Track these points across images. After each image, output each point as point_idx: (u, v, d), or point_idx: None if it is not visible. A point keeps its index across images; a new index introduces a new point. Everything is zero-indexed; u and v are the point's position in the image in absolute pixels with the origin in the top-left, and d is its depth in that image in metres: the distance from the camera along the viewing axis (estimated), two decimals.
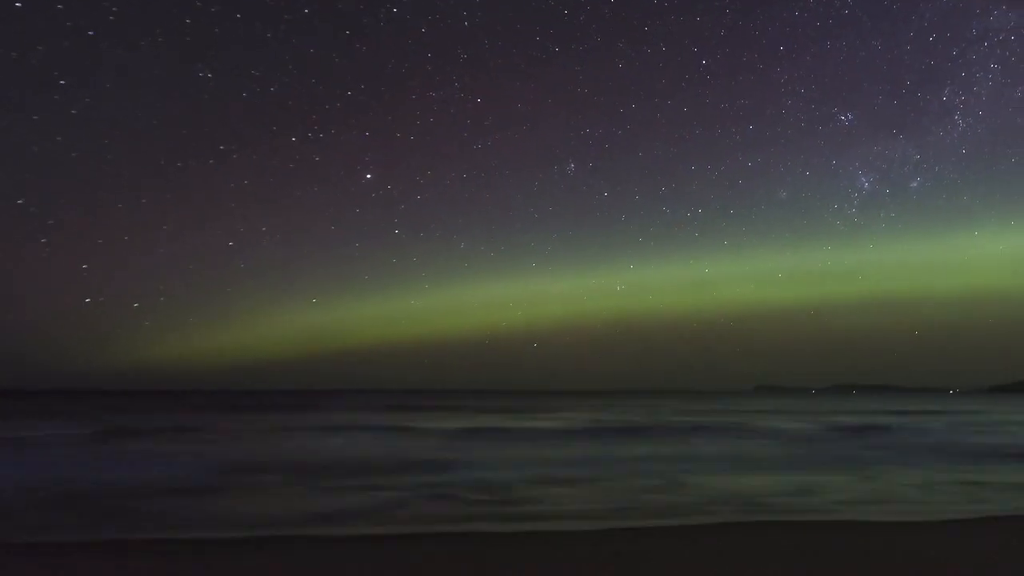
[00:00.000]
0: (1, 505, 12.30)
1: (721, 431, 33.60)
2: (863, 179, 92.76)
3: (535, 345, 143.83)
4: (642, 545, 8.81)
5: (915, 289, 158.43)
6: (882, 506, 12.47)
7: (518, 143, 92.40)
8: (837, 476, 16.59)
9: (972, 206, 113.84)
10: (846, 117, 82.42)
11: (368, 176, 70.04)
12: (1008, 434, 32.52)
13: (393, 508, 11.94)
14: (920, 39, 71.34)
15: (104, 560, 8.11)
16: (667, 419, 45.03)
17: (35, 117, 55.29)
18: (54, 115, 56.12)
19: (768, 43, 71.29)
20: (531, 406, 70.33)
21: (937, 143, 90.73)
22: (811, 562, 7.90)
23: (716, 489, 14.30)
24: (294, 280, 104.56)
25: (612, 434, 32.09)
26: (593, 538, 9.38)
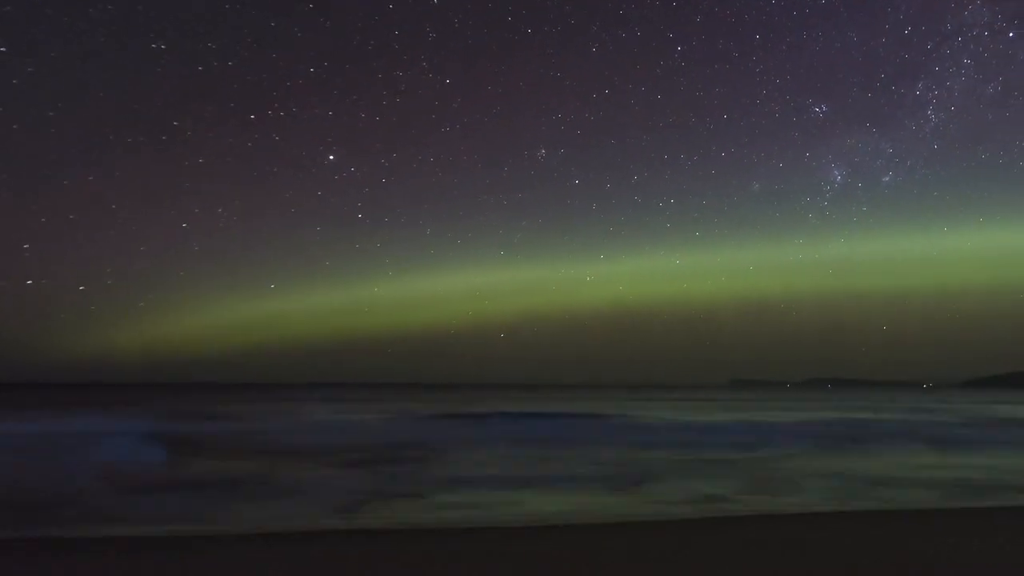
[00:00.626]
0: None
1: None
2: (836, 172, 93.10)
3: (502, 335, 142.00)
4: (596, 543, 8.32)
5: (886, 284, 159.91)
6: None
7: (487, 127, 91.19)
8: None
9: (943, 202, 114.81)
10: (820, 109, 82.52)
11: (331, 157, 68.47)
12: None
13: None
14: (896, 32, 71.52)
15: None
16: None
17: None
18: None
19: (744, 31, 70.99)
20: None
21: (910, 137, 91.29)
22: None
23: None
24: (251, 265, 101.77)
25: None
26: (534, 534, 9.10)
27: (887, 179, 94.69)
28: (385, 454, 19.62)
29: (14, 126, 59.76)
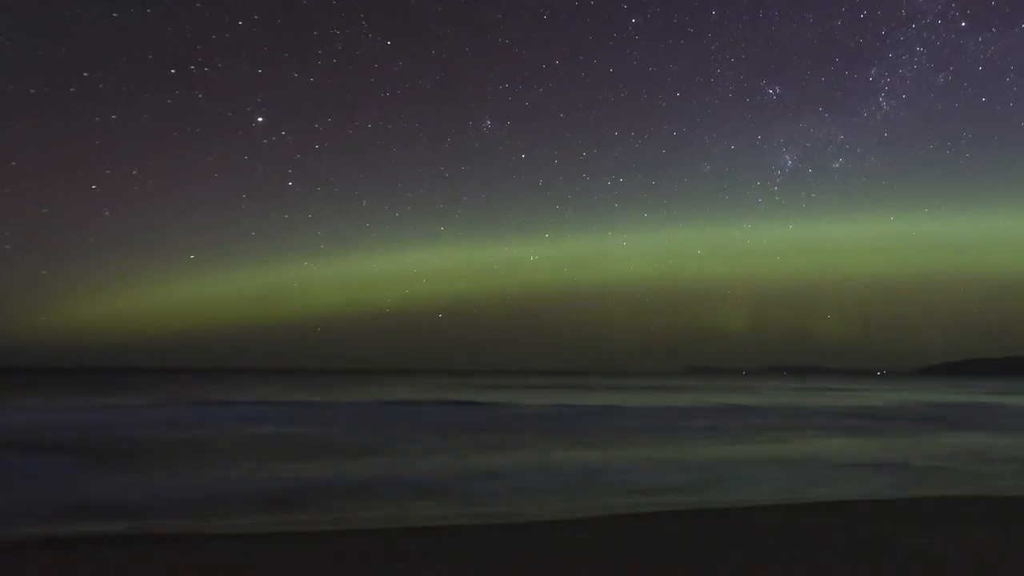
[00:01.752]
0: None
1: None
2: (787, 157, 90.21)
3: (440, 316, 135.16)
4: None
5: (833, 272, 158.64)
6: None
7: (430, 93, 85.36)
8: None
9: (890, 191, 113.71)
10: (774, 91, 79.14)
11: (259, 119, 62.55)
12: None
13: None
14: (851, 14, 67.87)
15: None
16: None
17: None
18: None
19: (700, 6, 66.35)
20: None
21: (861, 124, 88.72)
22: None
23: None
24: (169, 233, 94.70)
25: None
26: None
27: (837, 165, 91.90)
28: None
29: None
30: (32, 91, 60.96)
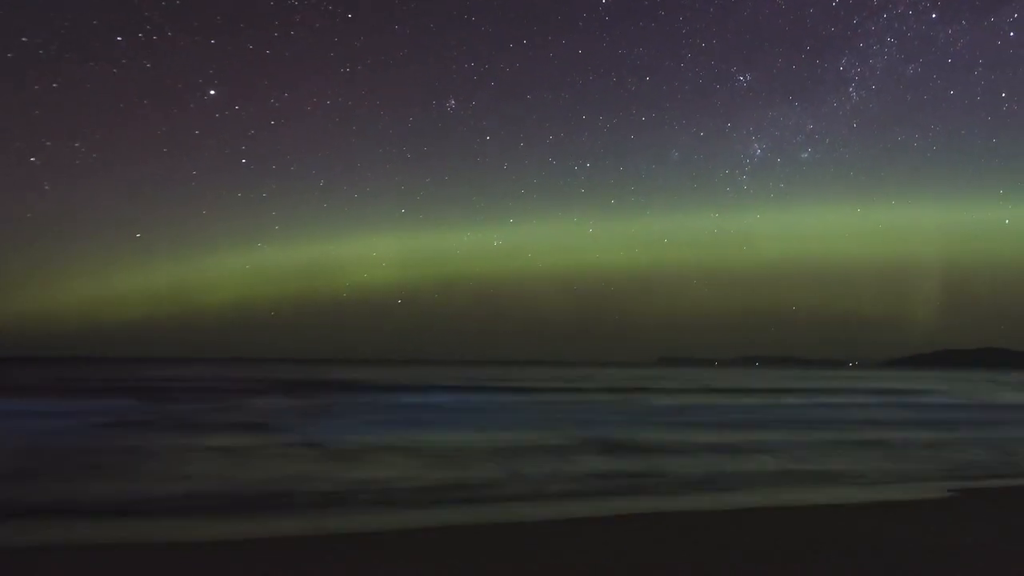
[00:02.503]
0: None
1: None
2: (756, 145, 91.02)
3: (399, 302, 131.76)
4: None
5: (801, 263, 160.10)
6: None
7: (393, 71, 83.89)
8: None
9: (858, 182, 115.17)
10: (744, 78, 79.74)
11: (212, 92, 61.03)
12: None
13: None
14: (823, 3, 68.39)
15: None
16: None
17: None
18: None
19: None
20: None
21: (831, 114, 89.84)
22: None
23: None
24: (114, 209, 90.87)
25: None
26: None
27: (806, 155, 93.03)
28: None
29: None
30: None
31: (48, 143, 69.54)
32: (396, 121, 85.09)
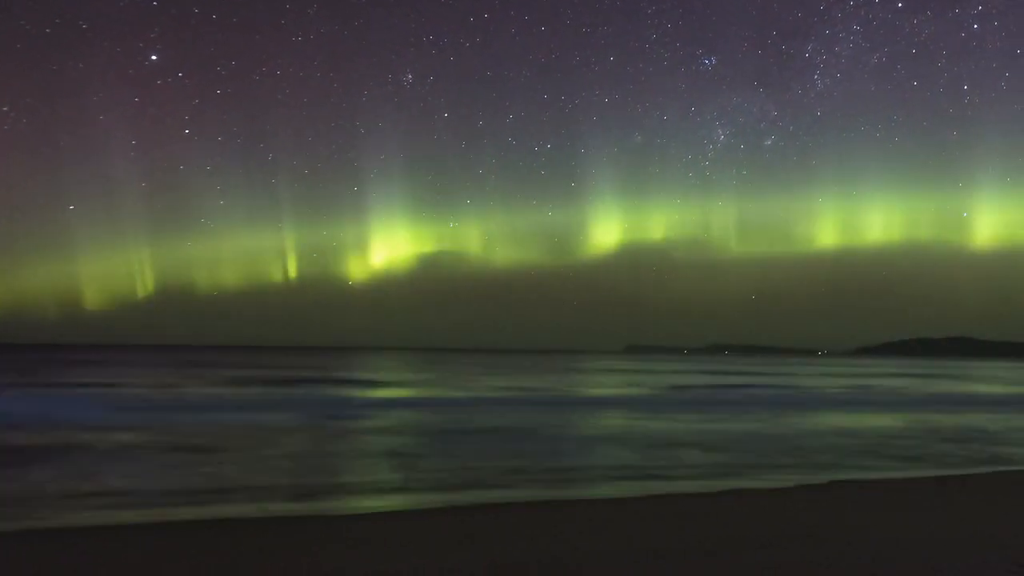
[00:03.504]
0: None
1: None
2: (719, 131, 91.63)
3: (350, 283, 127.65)
4: None
5: (761, 251, 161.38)
6: None
7: (347, 42, 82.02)
8: None
9: (819, 172, 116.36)
10: (709, 61, 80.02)
11: (153, 57, 59.33)
12: None
13: None
14: None
15: None
16: None
17: None
18: None
19: None
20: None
21: (795, 101, 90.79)
22: None
23: None
24: (45, 181, 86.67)
25: None
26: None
27: (769, 143, 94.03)
28: None
29: None
30: None
31: None
32: (349, 95, 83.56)
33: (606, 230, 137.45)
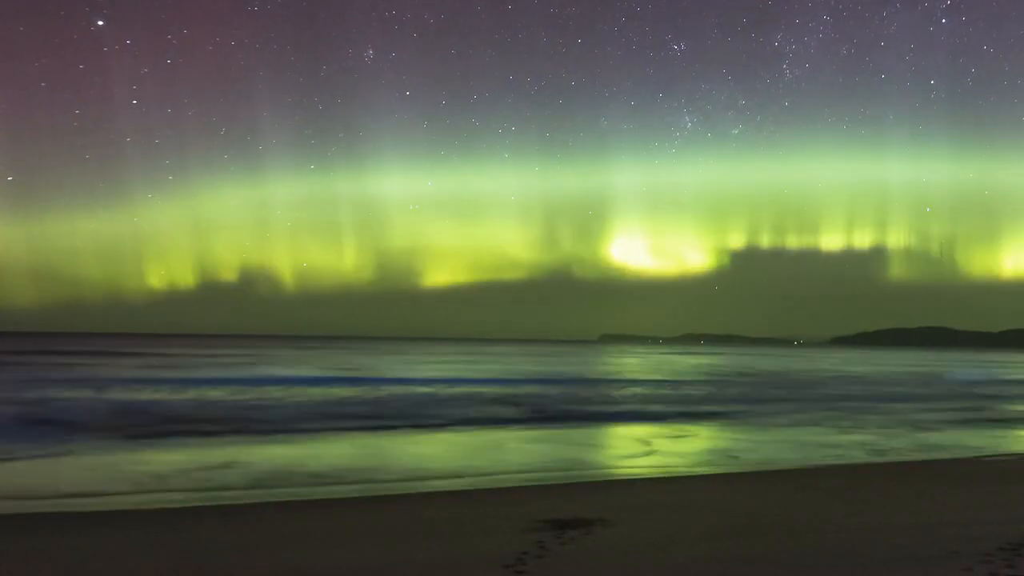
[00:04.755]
0: None
1: None
2: (687, 118, 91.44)
3: (304, 265, 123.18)
4: None
5: (720, 242, 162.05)
6: None
7: (305, 13, 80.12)
8: None
9: (786, 162, 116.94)
10: (679, 47, 79.52)
11: (100, 23, 57.21)
12: None
13: None
14: None
15: None
16: None
17: None
18: None
19: None
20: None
21: (764, 90, 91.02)
22: None
23: None
24: None
25: None
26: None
27: (736, 132, 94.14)
28: None
29: None
30: None
31: None
32: (308, 68, 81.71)
33: (570, 216, 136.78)
